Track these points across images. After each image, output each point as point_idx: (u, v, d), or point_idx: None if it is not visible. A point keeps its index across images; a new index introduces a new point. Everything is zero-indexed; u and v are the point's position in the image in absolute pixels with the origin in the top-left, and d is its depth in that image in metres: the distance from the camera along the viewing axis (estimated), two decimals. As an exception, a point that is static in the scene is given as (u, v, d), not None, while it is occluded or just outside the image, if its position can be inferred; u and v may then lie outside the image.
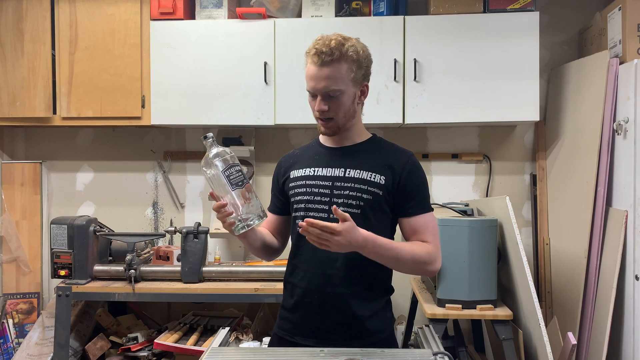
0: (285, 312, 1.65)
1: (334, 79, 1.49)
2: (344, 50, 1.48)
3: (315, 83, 1.50)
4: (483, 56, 2.74)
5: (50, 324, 2.90)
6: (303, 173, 1.61)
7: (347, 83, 1.51)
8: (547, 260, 2.99)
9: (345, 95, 1.52)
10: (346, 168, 1.57)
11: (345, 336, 1.55)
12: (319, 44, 1.48)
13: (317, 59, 1.48)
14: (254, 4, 2.89)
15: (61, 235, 2.73)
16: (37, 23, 2.92)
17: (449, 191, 3.15)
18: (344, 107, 1.53)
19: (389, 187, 1.55)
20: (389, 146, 1.65)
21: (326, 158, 1.61)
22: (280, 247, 1.72)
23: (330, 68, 1.48)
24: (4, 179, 3.23)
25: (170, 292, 2.68)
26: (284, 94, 2.83)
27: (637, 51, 2.48)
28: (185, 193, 3.31)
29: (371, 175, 1.55)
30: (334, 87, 1.49)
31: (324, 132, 1.59)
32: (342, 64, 1.49)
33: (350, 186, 1.55)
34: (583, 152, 2.69)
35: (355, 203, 1.53)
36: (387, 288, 1.63)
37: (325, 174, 1.58)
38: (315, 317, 1.57)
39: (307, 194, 1.58)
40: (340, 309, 1.55)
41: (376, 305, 1.59)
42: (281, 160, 1.72)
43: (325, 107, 1.51)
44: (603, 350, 2.42)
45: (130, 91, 2.91)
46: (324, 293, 1.55)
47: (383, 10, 2.85)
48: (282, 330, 1.65)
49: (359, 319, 1.55)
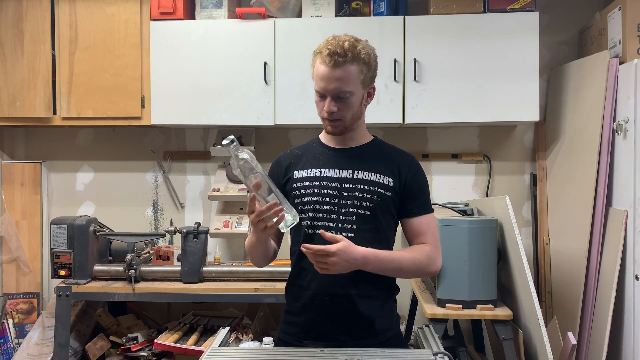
0: (290, 317, 1.63)
1: (346, 80, 1.48)
2: (356, 52, 1.48)
3: (326, 84, 1.49)
4: (483, 56, 2.74)
5: (50, 324, 2.90)
6: (309, 173, 1.60)
7: (357, 85, 1.51)
8: (547, 260, 2.99)
9: (354, 97, 1.52)
10: (354, 170, 1.57)
11: (356, 336, 1.56)
12: (332, 45, 1.47)
13: (330, 59, 1.47)
14: (254, 4, 2.89)
15: (61, 235, 2.73)
16: (37, 23, 2.92)
17: (449, 191, 3.15)
18: (352, 109, 1.53)
19: (396, 189, 1.56)
20: (392, 149, 1.66)
21: (332, 159, 1.61)
22: (277, 249, 1.70)
23: (343, 69, 1.47)
24: (4, 179, 3.23)
25: (170, 292, 2.68)
26: (284, 94, 2.83)
27: (637, 51, 2.48)
28: (185, 193, 3.31)
29: (380, 177, 1.56)
30: (345, 88, 1.49)
31: (331, 131, 1.58)
32: (354, 65, 1.49)
33: (359, 187, 1.55)
34: (583, 152, 2.69)
35: (365, 204, 1.54)
36: (394, 287, 1.64)
37: (333, 175, 1.57)
38: (325, 319, 1.57)
39: (315, 194, 1.57)
40: (351, 309, 1.55)
41: (385, 304, 1.60)
42: (280, 159, 1.69)
43: (335, 109, 1.51)
44: (603, 350, 2.42)
45: (130, 91, 2.91)
46: (335, 295, 1.54)
47: (383, 10, 2.85)
48: (288, 335, 1.63)
49: (369, 318, 1.56)
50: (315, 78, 1.52)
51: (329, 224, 1.55)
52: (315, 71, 1.52)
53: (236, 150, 1.40)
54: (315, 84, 1.53)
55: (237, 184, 3.09)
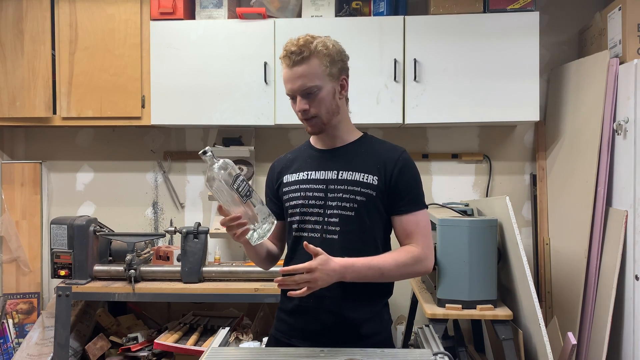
0: (282, 314, 1.65)
1: (308, 76, 1.49)
2: (312, 47, 1.49)
3: (291, 84, 1.51)
4: (483, 56, 2.74)
5: (50, 324, 2.90)
6: (297, 177, 1.61)
7: (323, 78, 1.51)
8: (547, 260, 2.99)
9: (323, 90, 1.52)
10: (339, 170, 1.56)
11: (341, 340, 1.54)
12: (288, 46, 1.50)
13: (288, 60, 1.49)
14: (254, 4, 2.89)
15: (61, 235, 2.73)
16: (37, 23, 2.92)
17: (449, 191, 3.15)
18: (325, 103, 1.53)
19: (382, 186, 1.54)
20: (381, 144, 1.63)
21: (318, 161, 1.61)
22: (279, 252, 1.71)
23: (302, 66, 1.49)
24: (4, 179, 3.23)
25: (170, 292, 2.68)
26: (284, 94, 2.81)
27: (637, 51, 2.48)
28: (185, 193, 3.31)
29: (363, 176, 1.54)
30: (309, 83, 1.50)
31: (310, 131, 1.58)
32: (313, 60, 1.49)
33: (343, 188, 1.54)
34: (583, 152, 2.69)
35: (349, 205, 1.53)
36: (385, 291, 1.61)
37: (319, 177, 1.57)
38: (311, 321, 1.56)
39: (302, 198, 1.57)
40: (337, 313, 1.54)
41: (372, 309, 1.58)
42: (274, 165, 1.71)
43: (306, 106, 1.51)
44: (603, 350, 2.42)
45: (130, 91, 2.91)
46: (321, 297, 1.52)
47: (383, 10, 2.85)
48: (279, 332, 1.65)
49: (354, 322, 1.55)
50: (284, 83, 1.54)
51: (316, 226, 1.55)
52: (283, 77, 1.54)
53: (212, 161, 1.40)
54: (285, 89, 1.55)
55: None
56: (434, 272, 2.52)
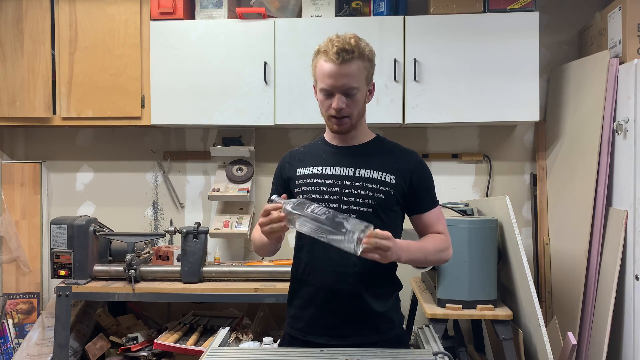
0: (296, 311, 1.64)
1: (353, 76, 1.51)
2: (361, 48, 1.52)
3: (334, 81, 1.51)
4: (483, 56, 2.74)
5: (50, 324, 2.90)
6: (310, 171, 1.62)
7: (362, 81, 1.54)
8: (547, 260, 2.99)
9: (360, 93, 1.54)
10: (355, 167, 1.58)
11: (359, 332, 1.56)
12: (340, 42, 1.50)
13: (338, 57, 1.49)
14: (254, 4, 2.89)
15: (61, 235, 2.73)
16: (37, 23, 2.92)
17: (449, 191, 3.14)
18: (358, 105, 1.56)
19: (400, 186, 1.58)
20: (394, 146, 1.68)
21: (334, 157, 1.62)
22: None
23: (350, 66, 1.50)
24: (4, 179, 3.23)
25: (170, 292, 2.68)
26: (284, 94, 2.83)
27: (637, 51, 2.48)
28: (185, 193, 3.31)
29: (382, 175, 1.57)
30: (353, 84, 1.51)
31: (338, 130, 1.59)
32: (360, 61, 1.52)
33: (361, 185, 1.56)
34: (583, 152, 2.69)
35: (367, 202, 1.55)
36: (397, 284, 1.65)
37: (334, 173, 1.59)
38: (328, 314, 1.57)
39: (316, 192, 1.58)
40: (354, 305, 1.56)
41: (388, 301, 1.61)
42: (287, 155, 1.72)
43: (343, 105, 1.53)
44: (603, 350, 2.42)
45: (130, 91, 2.91)
46: (337, 290, 1.55)
47: (383, 10, 2.85)
48: (294, 329, 1.64)
49: (372, 314, 1.57)
50: (321, 76, 1.53)
51: None
52: (320, 70, 1.53)
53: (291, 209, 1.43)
54: (320, 82, 1.54)
55: (237, 184, 3.09)
56: (433, 272, 2.52)
